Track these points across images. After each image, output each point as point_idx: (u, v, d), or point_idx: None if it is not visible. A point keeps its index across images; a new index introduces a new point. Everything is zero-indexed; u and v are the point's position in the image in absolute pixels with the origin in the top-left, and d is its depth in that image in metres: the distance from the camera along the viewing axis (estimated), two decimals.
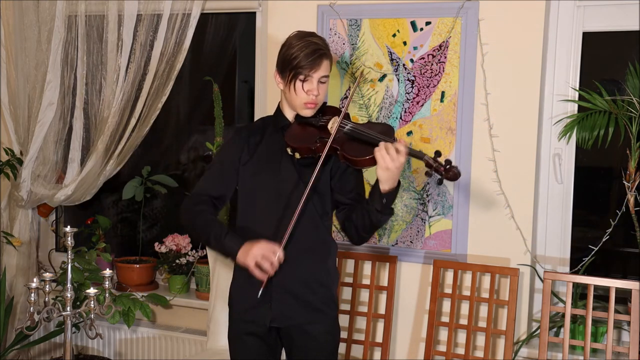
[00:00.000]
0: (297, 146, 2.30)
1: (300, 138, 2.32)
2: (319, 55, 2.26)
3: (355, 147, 2.25)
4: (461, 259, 3.05)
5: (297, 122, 2.38)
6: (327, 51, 2.30)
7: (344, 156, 2.25)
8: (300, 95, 2.30)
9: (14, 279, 3.72)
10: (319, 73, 2.27)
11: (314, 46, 2.26)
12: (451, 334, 2.99)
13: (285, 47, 2.30)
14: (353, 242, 2.40)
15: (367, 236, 2.35)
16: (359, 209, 2.29)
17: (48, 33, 3.58)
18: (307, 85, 2.28)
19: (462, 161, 3.01)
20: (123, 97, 3.50)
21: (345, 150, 2.25)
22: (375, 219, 2.24)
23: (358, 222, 2.29)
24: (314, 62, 2.25)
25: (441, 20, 3.02)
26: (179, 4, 3.40)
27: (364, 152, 2.22)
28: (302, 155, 2.31)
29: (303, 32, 2.33)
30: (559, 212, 3.06)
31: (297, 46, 2.26)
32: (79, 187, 3.62)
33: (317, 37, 2.30)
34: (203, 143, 3.77)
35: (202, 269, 3.52)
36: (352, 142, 2.27)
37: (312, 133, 2.32)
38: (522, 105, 2.95)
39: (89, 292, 2.46)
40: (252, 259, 2.20)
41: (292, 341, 2.39)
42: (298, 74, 2.26)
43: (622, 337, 2.98)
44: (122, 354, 3.66)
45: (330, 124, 2.33)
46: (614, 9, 2.95)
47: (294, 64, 2.25)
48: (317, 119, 2.36)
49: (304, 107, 2.32)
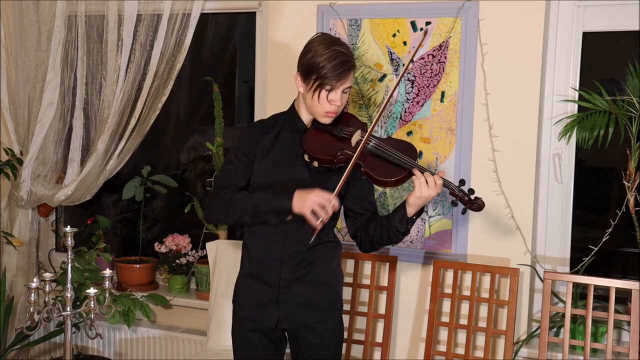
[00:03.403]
0: (317, 156, 2.28)
1: (321, 148, 2.30)
2: (348, 67, 2.25)
3: (380, 165, 2.26)
4: (461, 259, 3.05)
5: (315, 128, 2.36)
6: (354, 62, 2.29)
7: (368, 174, 2.25)
8: (323, 105, 2.28)
9: (14, 279, 3.72)
10: (344, 85, 2.27)
11: (342, 57, 2.23)
12: (451, 334, 2.99)
13: (311, 53, 2.26)
14: (362, 250, 2.43)
15: (379, 247, 2.38)
16: (379, 225, 2.31)
17: (48, 33, 3.58)
18: (332, 95, 2.27)
19: (462, 161, 3.01)
20: (123, 97, 3.50)
21: (370, 168, 2.25)
22: (395, 238, 2.29)
23: (375, 237, 2.33)
24: (342, 74, 2.23)
25: (441, 20, 3.02)
26: (179, 4, 3.40)
27: (389, 174, 2.23)
28: (321, 164, 2.30)
29: (329, 39, 2.29)
30: (559, 212, 3.06)
31: (324, 55, 2.22)
32: (79, 187, 3.62)
33: (344, 47, 2.27)
34: (203, 143, 3.77)
35: (202, 269, 3.52)
36: (376, 159, 2.27)
37: (333, 143, 2.31)
38: (522, 105, 2.95)
39: (89, 292, 2.46)
40: (309, 206, 2.16)
41: (298, 339, 2.40)
42: (324, 84, 2.24)
43: (622, 337, 2.98)
44: (122, 354, 3.66)
45: (354, 138, 2.32)
46: (614, 9, 2.95)
47: (321, 74, 2.23)
48: (339, 129, 2.34)
49: (325, 115, 2.31)
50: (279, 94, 3.27)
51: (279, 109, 2.52)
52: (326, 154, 2.28)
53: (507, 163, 2.97)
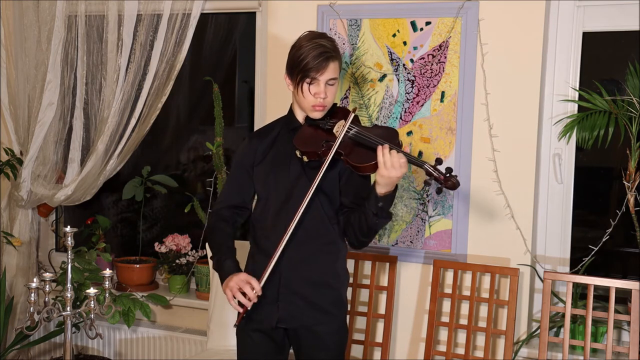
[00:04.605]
0: (304, 150, 2.31)
1: (307, 142, 2.32)
2: (325, 57, 2.25)
3: (358, 152, 2.25)
4: (461, 259, 3.05)
5: (307, 125, 2.38)
6: (335, 53, 2.29)
7: (348, 162, 2.26)
8: (307, 98, 2.30)
9: (14, 279, 3.72)
10: (325, 76, 2.27)
11: (322, 49, 2.25)
12: (451, 334, 2.99)
13: (295, 48, 2.31)
14: (353, 247, 2.41)
15: (366, 240, 2.35)
16: (358, 212, 2.29)
17: (48, 33, 3.58)
18: (314, 87, 2.28)
19: (462, 161, 3.01)
20: (123, 97, 3.50)
21: (349, 156, 2.25)
22: (372, 222, 2.24)
23: (356, 225, 2.30)
24: (320, 64, 2.25)
25: (441, 20, 3.02)
26: (179, 4, 3.40)
27: (366, 159, 2.22)
28: (309, 158, 2.32)
29: (313, 33, 2.33)
30: (559, 212, 3.06)
31: (305, 48, 2.26)
32: (79, 187, 3.62)
33: (326, 39, 2.29)
34: (203, 143, 3.77)
35: (202, 269, 3.52)
36: (356, 147, 2.27)
37: (319, 136, 2.33)
38: (522, 105, 2.95)
39: (89, 292, 2.46)
40: (228, 292, 2.28)
41: (300, 341, 2.40)
42: (305, 76, 2.26)
43: (622, 337, 2.98)
44: (122, 354, 3.66)
45: (336, 127, 2.33)
46: (614, 9, 2.95)
47: (301, 67, 2.25)
48: (325, 122, 2.36)
49: (312, 109, 2.33)
50: (279, 94, 3.26)
51: (279, 108, 2.53)
52: (312, 148, 2.30)
53: (507, 163, 2.97)
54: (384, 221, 2.26)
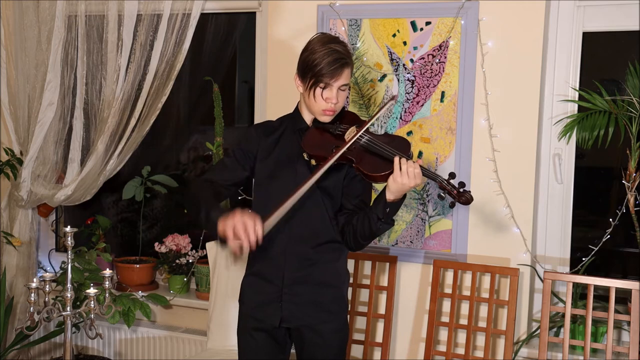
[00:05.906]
0: (313, 153, 2.30)
1: (316, 145, 2.31)
2: (340, 64, 2.24)
3: (371, 161, 2.25)
4: (461, 259, 3.05)
5: (315, 127, 2.37)
6: (349, 59, 2.28)
7: (359, 169, 2.25)
8: (319, 103, 2.29)
9: (14, 279, 3.71)
10: (339, 82, 2.27)
11: (336, 54, 2.24)
12: (451, 334, 2.99)
13: (308, 51, 2.28)
14: (349, 248, 2.40)
15: (364, 243, 2.34)
16: (361, 215, 2.29)
17: (48, 33, 3.58)
18: (326, 93, 2.28)
19: (462, 161, 3.01)
20: (123, 97, 3.50)
21: (361, 164, 2.24)
22: (375, 227, 2.24)
23: (358, 228, 2.29)
24: (335, 71, 2.24)
25: (441, 20, 3.02)
26: (179, 4, 3.40)
27: (379, 168, 2.22)
28: (317, 162, 2.31)
29: (326, 37, 2.31)
30: (559, 212, 3.06)
31: (319, 52, 2.24)
32: (79, 187, 3.62)
33: (340, 44, 2.28)
34: (203, 143, 3.77)
35: (202, 269, 3.52)
36: (368, 155, 2.27)
37: (328, 141, 2.32)
38: (522, 105, 2.95)
39: (89, 292, 2.46)
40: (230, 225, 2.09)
41: (302, 339, 2.40)
42: (318, 81, 2.25)
43: (622, 337, 2.98)
44: (122, 354, 3.66)
45: (348, 133, 2.33)
46: (614, 9, 2.95)
47: (315, 71, 2.24)
48: (335, 126, 2.35)
49: (322, 113, 2.32)
50: (279, 94, 3.27)
51: (279, 109, 2.52)
52: (321, 151, 2.29)
53: (507, 163, 2.97)
54: (387, 227, 2.27)
